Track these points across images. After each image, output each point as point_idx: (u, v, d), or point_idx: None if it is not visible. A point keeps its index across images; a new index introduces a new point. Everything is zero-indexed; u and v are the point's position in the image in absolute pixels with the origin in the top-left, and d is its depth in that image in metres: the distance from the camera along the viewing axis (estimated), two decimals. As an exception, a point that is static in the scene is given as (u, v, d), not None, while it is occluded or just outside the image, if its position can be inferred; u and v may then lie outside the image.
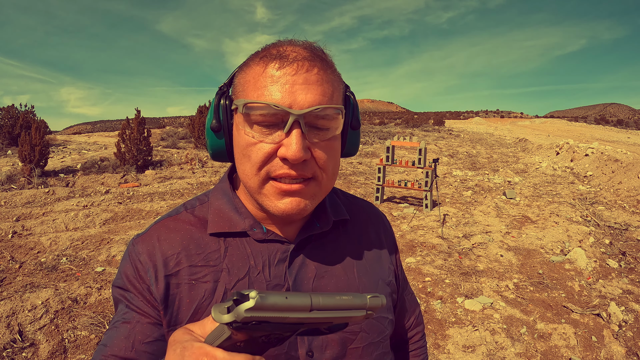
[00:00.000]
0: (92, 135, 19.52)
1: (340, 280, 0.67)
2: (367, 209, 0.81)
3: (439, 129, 29.99)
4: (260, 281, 0.62)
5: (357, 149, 0.70)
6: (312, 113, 0.55)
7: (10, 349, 2.50)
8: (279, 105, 0.54)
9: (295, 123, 0.55)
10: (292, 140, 0.54)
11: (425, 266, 4.24)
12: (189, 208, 0.69)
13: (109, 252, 4.18)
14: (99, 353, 0.58)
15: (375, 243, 0.76)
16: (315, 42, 0.61)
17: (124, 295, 0.62)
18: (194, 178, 8.41)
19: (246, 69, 0.60)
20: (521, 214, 6.47)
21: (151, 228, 0.66)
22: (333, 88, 0.59)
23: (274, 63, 0.56)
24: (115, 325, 0.60)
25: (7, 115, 13.45)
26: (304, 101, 0.55)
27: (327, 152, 0.59)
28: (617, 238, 5.30)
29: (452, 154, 15.57)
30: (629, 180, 8.46)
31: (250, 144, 0.57)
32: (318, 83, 0.57)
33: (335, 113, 0.58)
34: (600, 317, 3.25)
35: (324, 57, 0.60)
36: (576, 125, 43.65)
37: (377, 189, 6.93)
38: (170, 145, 13.94)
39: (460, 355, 2.77)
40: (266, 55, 0.58)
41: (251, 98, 0.56)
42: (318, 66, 0.57)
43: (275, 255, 0.64)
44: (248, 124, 0.57)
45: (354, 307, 0.45)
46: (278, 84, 0.55)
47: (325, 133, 0.58)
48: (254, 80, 0.57)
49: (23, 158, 8.37)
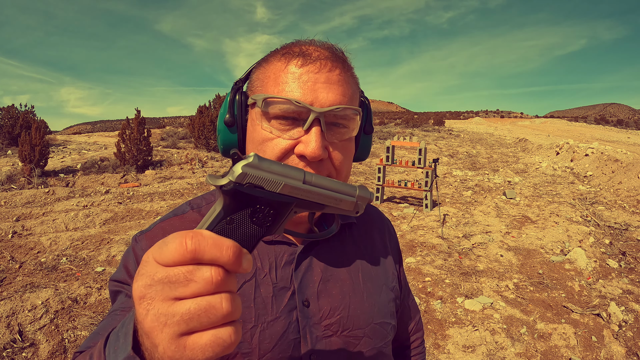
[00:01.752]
0: (92, 135, 19.52)
1: (345, 284, 0.67)
2: (373, 213, 0.81)
3: (439, 129, 29.99)
4: (267, 283, 0.62)
5: (368, 154, 0.71)
6: (332, 112, 0.55)
7: (10, 349, 2.50)
8: (300, 101, 0.54)
9: (316, 121, 0.54)
10: (311, 137, 0.54)
11: (425, 266, 4.24)
12: (195, 207, 0.68)
13: (109, 252, 4.18)
14: (90, 340, 0.56)
15: (380, 248, 0.76)
16: (336, 44, 0.61)
17: (124, 287, 0.60)
18: (194, 178, 8.41)
19: (266, 65, 0.59)
20: (521, 214, 6.47)
21: (156, 226, 0.65)
22: (352, 90, 0.59)
23: (296, 60, 0.56)
24: (114, 313, 0.58)
25: (7, 115, 13.45)
26: (326, 99, 0.55)
27: (343, 153, 0.59)
28: (617, 238, 5.30)
29: (452, 154, 15.57)
30: (629, 180, 8.46)
31: (267, 139, 0.56)
32: (339, 83, 0.57)
33: (354, 114, 0.58)
34: (600, 317, 3.25)
35: (345, 59, 0.60)
36: (576, 125, 43.65)
37: (377, 189, 6.93)
38: (170, 145, 13.94)
39: (460, 355, 2.76)
40: (288, 52, 0.58)
41: (271, 93, 0.56)
42: (340, 67, 0.58)
43: (282, 257, 0.64)
44: (266, 118, 0.56)
45: (344, 192, 0.46)
46: (300, 80, 0.55)
47: (343, 133, 0.58)
48: (274, 76, 0.57)
49: (23, 158, 8.37)
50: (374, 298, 0.69)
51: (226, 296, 0.31)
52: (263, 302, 0.60)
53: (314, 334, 0.62)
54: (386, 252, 0.77)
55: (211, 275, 0.30)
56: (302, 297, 0.63)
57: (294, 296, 0.62)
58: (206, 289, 0.31)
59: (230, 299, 0.32)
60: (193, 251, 0.30)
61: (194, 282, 0.30)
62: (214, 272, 0.31)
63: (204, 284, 0.30)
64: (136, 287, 0.32)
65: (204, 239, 0.31)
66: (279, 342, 0.59)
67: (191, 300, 0.31)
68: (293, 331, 0.61)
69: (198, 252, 0.30)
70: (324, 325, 0.63)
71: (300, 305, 0.62)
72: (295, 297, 0.62)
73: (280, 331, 0.60)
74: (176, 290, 0.31)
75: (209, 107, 13.47)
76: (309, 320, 0.62)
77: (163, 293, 0.31)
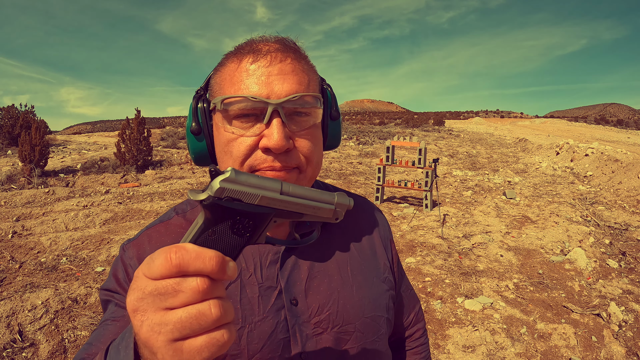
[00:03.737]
0: (92, 135, 19.52)
1: (334, 279, 0.66)
2: (361, 204, 0.80)
3: (439, 129, 29.99)
4: (252, 283, 0.62)
5: (339, 140, 0.70)
6: (290, 101, 0.55)
7: (10, 349, 2.50)
8: (256, 97, 0.54)
9: (275, 112, 0.55)
10: (273, 130, 0.54)
11: (425, 266, 4.24)
12: (180, 212, 0.69)
13: (109, 252, 4.18)
14: (83, 351, 0.57)
15: (368, 239, 0.75)
16: (287, 37, 0.62)
17: (114, 296, 0.61)
18: (194, 178, 8.41)
19: (221, 69, 0.60)
20: (521, 214, 6.47)
21: (142, 234, 0.66)
22: (309, 77, 0.59)
23: (247, 57, 0.57)
24: (105, 323, 0.59)
25: (7, 115, 13.45)
26: (281, 90, 0.55)
27: (311, 141, 0.59)
28: (617, 238, 5.30)
29: (452, 154, 15.57)
30: (629, 180, 8.46)
31: (231, 139, 0.57)
32: (293, 72, 0.57)
33: (314, 101, 0.58)
34: (600, 317, 3.25)
35: (296, 48, 0.61)
36: (576, 125, 43.65)
37: (377, 189, 6.93)
38: (170, 145, 13.94)
39: (460, 355, 2.76)
40: (239, 52, 0.59)
41: (228, 94, 0.56)
42: (291, 56, 0.58)
43: (267, 256, 0.64)
44: (227, 120, 0.57)
45: (322, 201, 0.47)
46: (254, 76, 0.56)
47: (306, 121, 0.58)
48: (229, 77, 0.58)
49: (23, 158, 8.37)
50: (364, 291, 0.68)
51: (215, 302, 0.33)
52: (249, 302, 0.60)
53: (304, 332, 0.62)
54: (377, 243, 0.75)
55: (197, 284, 0.33)
56: (290, 295, 0.62)
57: (281, 295, 0.62)
58: (194, 297, 0.33)
59: (219, 304, 0.34)
60: (178, 265, 0.32)
61: (182, 292, 0.33)
62: (200, 282, 0.33)
63: (191, 293, 0.33)
64: (129, 301, 0.34)
65: (187, 252, 0.33)
66: (268, 342, 0.59)
67: (182, 309, 0.33)
68: (282, 330, 0.61)
69: (182, 265, 0.33)
70: (313, 323, 0.63)
71: (288, 304, 0.62)
72: (283, 296, 0.62)
73: (268, 331, 0.60)
74: (166, 301, 0.33)
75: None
76: (298, 318, 0.62)
77: (154, 304, 0.33)
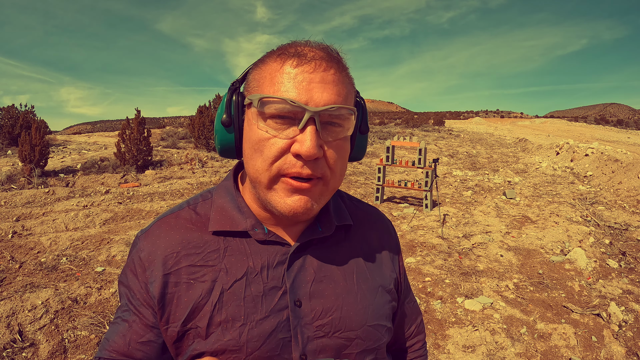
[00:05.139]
0: (92, 135, 19.52)
1: (339, 285, 0.67)
2: (373, 215, 0.81)
3: (439, 129, 29.98)
4: (258, 282, 0.62)
5: (364, 153, 0.71)
6: (327, 111, 0.56)
7: (10, 349, 2.50)
8: (295, 101, 0.54)
9: (311, 120, 0.55)
10: (306, 136, 0.55)
11: (425, 266, 4.24)
12: (192, 204, 0.70)
13: (109, 252, 4.18)
14: (104, 347, 0.64)
15: (377, 250, 0.76)
16: (332, 45, 0.62)
17: (126, 292, 0.65)
18: (194, 178, 8.41)
19: (262, 66, 0.60)
20: (521, 214, 6.47)
21: (154, 225, 0.67)
22: (347, 90, 0.60)
23: (291, 60, 0.57)
24: (117, 321, 0.65)
25: (7, 115, 13.46)
26: (320, 99, 0.55)
27: (338, 153, 0.60)
28: (617, 238, 5.30)
29: (452, 154, 15.57)
30: (629, 180, 8.46)
31: (263, 138, 0.57)
32: (334, 83, 0.57)
33: (349, 114, 0.59)
34: (600, 317, 3.25)
35: (339, 59, 0.61)
36: (576, 125, 43.65)
37: (377, 189, 6.93)
38: (170, 145, 13.94)
39: (460, 355, 2.76)
40: (284, 53, 0.58)
41: (267, 93, 0.56)
42: (335, 67, 0.58)
43: (275, 257, 0.64)
44: (262, 118, 0.57)
45: None
46: (295, 80, 0.56)
47: (338, 132, 0.59)
48: (270, 77, 0.57)
49: (23, 158, 8.37)
50: (368, 300, 0.69)
51: None
52: (253, 300, 0.61)
53: (305, 334, 0.62)
54: (384, 254, 0.76)
55: None
56: (294, 297, 0.63)
57: (285, 296, 0.63)
58: None
59: None
60: None
61: None
62: None
63: None
64: None
65: None
66: (267, 341, 0.60)
67: None
68: (283, 330, 0.61)
69: None
70: (315, 326, 0.63)
71: (292, 305, 0.62)
72: (287, 297, 0.62)
73: (269, 330, 0.60)
74: None
75: (208, 107, 13.47)
76: (300, 320, 0.62)
77: None
